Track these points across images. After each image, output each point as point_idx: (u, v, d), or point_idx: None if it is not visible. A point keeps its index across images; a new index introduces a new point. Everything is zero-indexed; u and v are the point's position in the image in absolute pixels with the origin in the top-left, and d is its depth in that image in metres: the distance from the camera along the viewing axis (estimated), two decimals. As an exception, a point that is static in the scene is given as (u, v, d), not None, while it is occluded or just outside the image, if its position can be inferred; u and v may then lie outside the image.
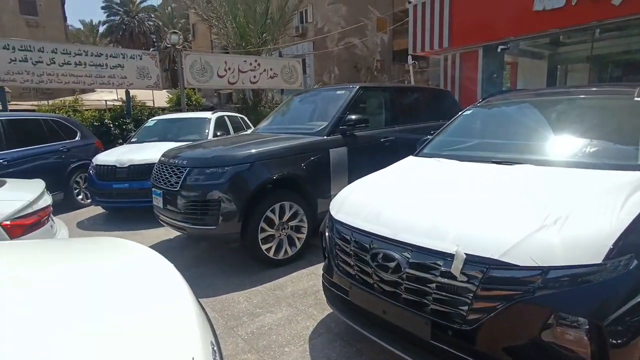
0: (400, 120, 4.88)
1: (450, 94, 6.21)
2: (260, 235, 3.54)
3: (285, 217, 3.70)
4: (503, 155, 2.46)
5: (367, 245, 1.95)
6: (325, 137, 4.07)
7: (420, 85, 10.86)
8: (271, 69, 13.21)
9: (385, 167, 2.89)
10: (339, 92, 4.66)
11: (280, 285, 3.31)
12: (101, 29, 40.27)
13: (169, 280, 1.40)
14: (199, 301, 1.37)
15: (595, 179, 1.97)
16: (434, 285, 1.67)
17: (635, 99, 2.42)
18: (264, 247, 3.57)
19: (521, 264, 1.49)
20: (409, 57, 12.89)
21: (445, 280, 1.63)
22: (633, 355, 1.43)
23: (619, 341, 1.40)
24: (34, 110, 11.66)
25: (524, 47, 8.30)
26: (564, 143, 2.48)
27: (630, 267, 1.45)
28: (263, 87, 14.40)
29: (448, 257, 1.63)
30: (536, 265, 1.48)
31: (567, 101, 2.83)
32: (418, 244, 1.75)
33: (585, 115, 2.63)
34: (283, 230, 3.71)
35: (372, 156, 4.32)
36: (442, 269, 1.64)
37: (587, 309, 1.41)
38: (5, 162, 5.53)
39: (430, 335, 1.68)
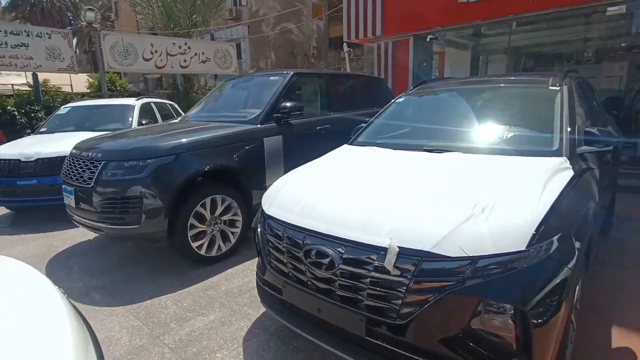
0: (336, 107, 4.82)
1: (384, 81, 6.29)
2: (190, 232, 3.29)
3: (218, 212, 3.48)
4: (433, 143, 2.48)
5: (300, 242, 1.85)
6: (258, 125, 3.88)
7: (356, 72, 10.97)
8: (203, 53, 12.48)
9: (321, 156, 2.80)
10: (272, 78, 4.46)
11: (213, 284, 3.11)
12: (3, 1, 35.14)
13: (39, 293, 1.20)
14: (79, 311, 1.19)
15: (517, 165, 2.04)
16: (368, 280, 1.61)
17: (550, 87, 2.57)
18: (194, 244, 3.33)
19: (452, 255, 1.49)
20: (344, 45, 12.92)
21: (379, 275, 1.58)
22: (552, 331, 1.49)
23: (540, 321, 1.45)
24: None
25: (450, 37, 8.68)
26: (488, 130, 2.57)
27: (550, 252, 1.51)
28: (195, 72, 13.61)
29: (382, 252, 1.58)
30: (466, 255, 1.48)
31: (490, 89, 2.94)
32: (352, 239, 1.68)
33: (507, 103, 2.76)
34: (215, 226, 3.49)
35: (308, 145, 4.21)
36: (376, 263, 1.59)
37: (512, 296, 1.44)
38: None
39: (365, 332, 1.63)
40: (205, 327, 2.51)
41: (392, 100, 3.37)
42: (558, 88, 2.51)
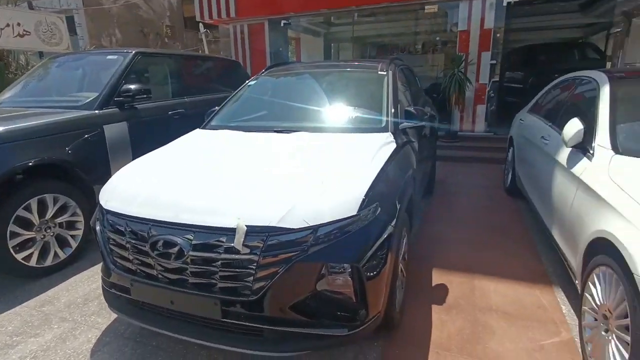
0: (190, 91, 4.56)
1: (240, 65, 6.21)
2: (12, 242, 2.73)
3: (49, 214, 2.96)
4: (283, 124, 2.59)
5: (145, 234, 1.72)
6: (96, 111, 3.41)
7: (210, 55, 10.54)
8: (19, 24, 10.13)
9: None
10: (110, 57, 3.95)
11: (50, 298, 2.67)
12: None
13: None
14: None
15: (352, 141, 2.30)
16: (219, 263, 1.62)
17: (379, 72, 2.93)
18: (20, 255, 2.78)
19: (295, 227, 1.60)
20: (201, 25, 12.21)
21: (230, 256, 1.60)
22: (382, 281, 1.75)
23: (372, 274, 1.69)
24: None
25: (304, 24, 9.05)
26: (329, 110, 2.81)
27: (377, 214, 1.75)
28: (9, 48, 11.02)
29: (231, 232, 1.60)
30: (307, 225, 1.61)
31: (332, 73, 3.21)
32: (200, 224, 1.65)
33: (346, 85, 3.06)
34: (48, 230, 2.98)
35: (160, 131, 3.91)
36: (226, 245, 1.60)
37: (348, 256, 1.64)
38: None
39: (222, 314, 1.65)
40: (40, 349, 2.15)
41: (245, 83, 3.36)
42: (385, 73, 2.89)
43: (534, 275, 2.74)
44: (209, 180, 1.90)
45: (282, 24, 7.74)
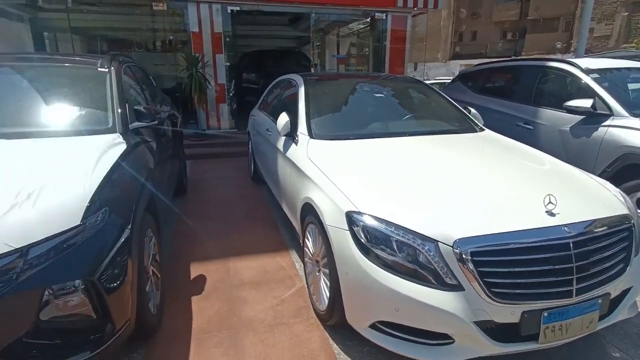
0: None
1: None
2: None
3: None
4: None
5: None
6: None
7: None
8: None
9: None
10: None
11: None
12: None
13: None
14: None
15: (71, 145, 2.05)
16: None
17: (99, 69, 2.68)
18: None
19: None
20: None
21: None
22: (125, 291, 1.66)
23: (113, 284, 1.60)
24: None
25: (-4, 4, 7.03)
26: (41, 112, 2.38)
27: (107, 219, 1.65)
28: None
29: None
30: (13, 248, 1.35)
31: (35, 68, 2.70)
32: None
33: (56, 82, 2.64)
34: None
35: None
36: None
37: (77, 271, 1.48)
38: None
39: None
40: None
41: None
42: (106, 70, 2.66)
43: (275, 245, 3.25)
44: None
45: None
